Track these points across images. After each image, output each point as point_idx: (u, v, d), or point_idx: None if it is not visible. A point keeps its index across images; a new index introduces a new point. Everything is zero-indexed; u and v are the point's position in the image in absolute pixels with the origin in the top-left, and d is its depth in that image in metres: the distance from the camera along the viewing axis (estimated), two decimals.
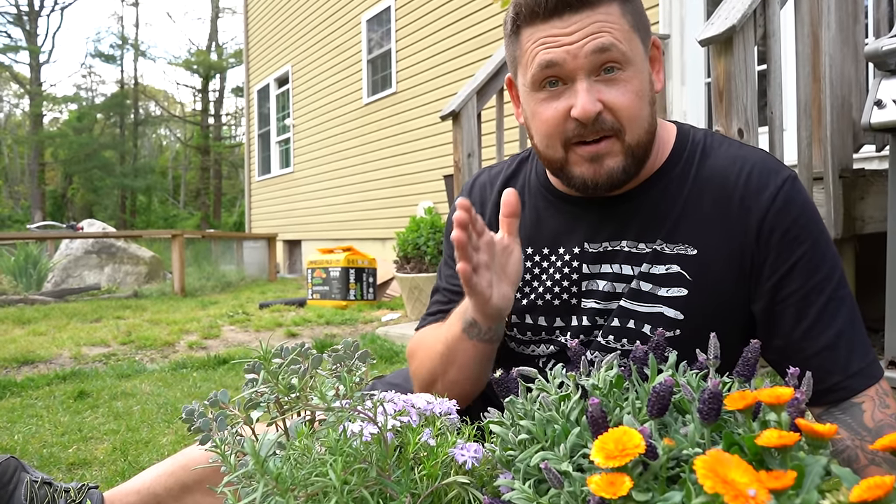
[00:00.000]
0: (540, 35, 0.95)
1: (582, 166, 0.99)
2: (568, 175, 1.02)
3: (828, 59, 2.54)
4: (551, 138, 1.00)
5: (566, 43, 0.93)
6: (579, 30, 0.93)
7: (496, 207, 1.15)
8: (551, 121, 0.98)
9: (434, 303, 1.22)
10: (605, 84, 0.95)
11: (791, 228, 0.98)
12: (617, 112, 0.95)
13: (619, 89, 0.95)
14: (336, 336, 4.41)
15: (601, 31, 0.93)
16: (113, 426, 2.48)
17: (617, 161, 0.98)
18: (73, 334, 4.56)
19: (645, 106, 0.98)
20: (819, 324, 0.97)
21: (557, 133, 0.98)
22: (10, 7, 32.53)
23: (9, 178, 34.07)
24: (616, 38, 0.93)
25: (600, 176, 0.99)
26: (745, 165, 1.01)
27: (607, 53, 0.93)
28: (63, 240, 8.85)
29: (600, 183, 1.00)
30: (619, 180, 1.00)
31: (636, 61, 0.96)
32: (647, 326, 1.03)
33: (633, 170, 1.00)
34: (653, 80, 1.02)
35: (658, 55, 1.04)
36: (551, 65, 0.94)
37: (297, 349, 1.05)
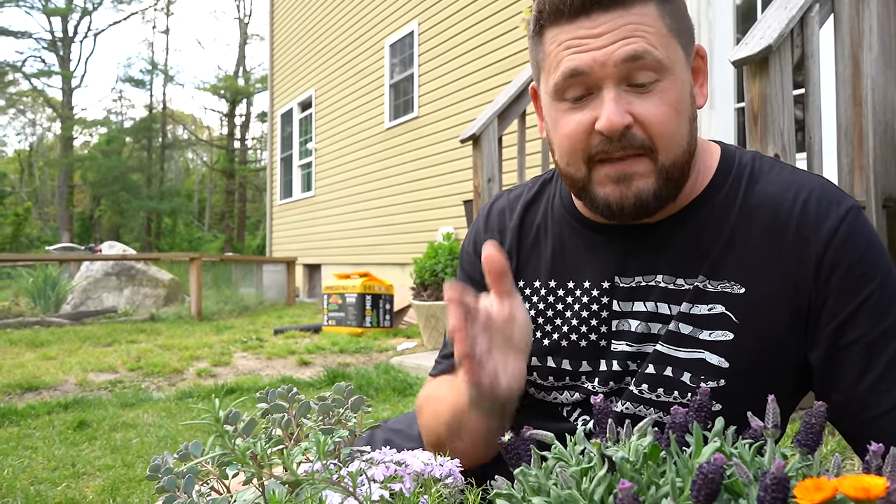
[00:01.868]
0: (565, 37, 0.83)
1: (607, 187, 0.86)
2: (591, 196, 0.88)
3: (869, 81, 2.40)
4: (573, 154, 0.86)
5: (593, 48, 0.81)
6: (609, 31, 0.80)
7: (516, 236, 1.02)
8: (574, 135, 0.85)
9: (448, 343, 1.08)
10: (636, 95, 0.82)
11: (856, 265, 0.83)
12: (649, 127, 0.82)
13: (652, 101, 0.82)
14: (350, 365, 4.28)
15: (634, 35, 0.80)
16: (108, 461, 2.36)
17: (647, 183, 0.84)
18: (82, 359, 4.48)
19: (683, 121, 0.84)
20: (890, 377, 0.81)
21: (580, 149, 0.85)
22: (45, 33, 33.39)
23: (39, 199, 34.73)
24: (651, 44, 0.80)
25: (627, 199, 0.85)
26: (800, 192, 0.87)
27: (640, 62, 0.80)
28: (83, 262, 8.86)
29: (626, 207, 0.85)
30: (649, 205, 0.86)
31: (675, 70, 0.83)
32: (686, 375, 0.88)
33: (667, 194, 0.86)
34: (694, 94, 0.88)
35: (702, 66, 0.91)
36: (576, 73, 0.82)
37: (283, 395, 0.91)
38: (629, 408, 0.92)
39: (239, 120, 34.04)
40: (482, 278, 1.05)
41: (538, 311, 0.99)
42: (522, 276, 1.01)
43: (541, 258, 1.00)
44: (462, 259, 1.11)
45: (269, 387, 2.90)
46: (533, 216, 1.02)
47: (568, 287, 0.97)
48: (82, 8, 32.31)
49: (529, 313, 0.99)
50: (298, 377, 3.88)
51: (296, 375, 3.95)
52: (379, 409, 3.07)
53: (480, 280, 1.05)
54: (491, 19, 6.77)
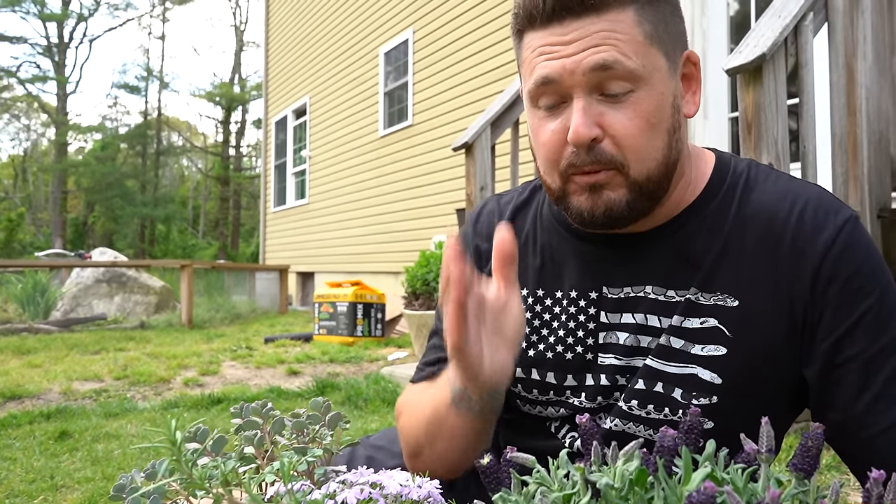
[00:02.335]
0: (538, 43, 0.81)
1: (580, 196, 0.83)
2: (566, 205, 0.85)
3: (864, 91, 2.38)
4: (548, 164, 0.84)
5: (563, 55, 0.78)
6: (579, 39, 0.78)
7: None
8: (548, 144, 0.83)
9: (431, 348, 1.03)
10: (609, 105, 0.79)
11: (853, 278, 0.80)
12: (619, 140, 0.79)
13: (625, 113, 0.78)
14: (339, 375, 4.23)
15: (605, 44, 0.77)
16: (88, 473, 2.31)
17: (619, 194, 0.82)
18: (68, 367, 4.42)
19: (658, 134, 0.80)
20: (888, 395, 0.78)
21: (554, 159, 0.83)
22: (40, 39, 33.35)
23: (32, 205, 34.61)
24: (623, 53, 0.77)
25: (598, 208, 0.82)
26: (797, 202, 0.83)
27: (610, 71, 0.77)
28: (74, 268, 8.79)
29: (597, 216, 0.83)
30: (621, 216, 0.82)
31: (651, 80, 0.79)
32: (677, 391, 0.84)
33: (642, 206, 0.83)
34: (680, 103, 0.84)
35: (695, 72, 0.87)
36: (547, 81, 0.80)
37: (256, 410, 0.87)
38: (618, 425, 0.88)
39: (234, 127, 34.06)
40: None
41: (529, 317, 0.95)
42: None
43: (528, 266, 0.96)
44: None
45: (257, 397, 2.84)
46: (522, 222, 0.99)
47: (555, 297, 0.93)
48: (78, 14, 32.33)
49: (533, 324, 0.96)
50: (287, 387, 3.83)
51: (284, 385, 3.90)
52: (368, 421, 3.03)
53: None
54: (485, 28, 6.76)
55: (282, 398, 3.52)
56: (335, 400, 3.45)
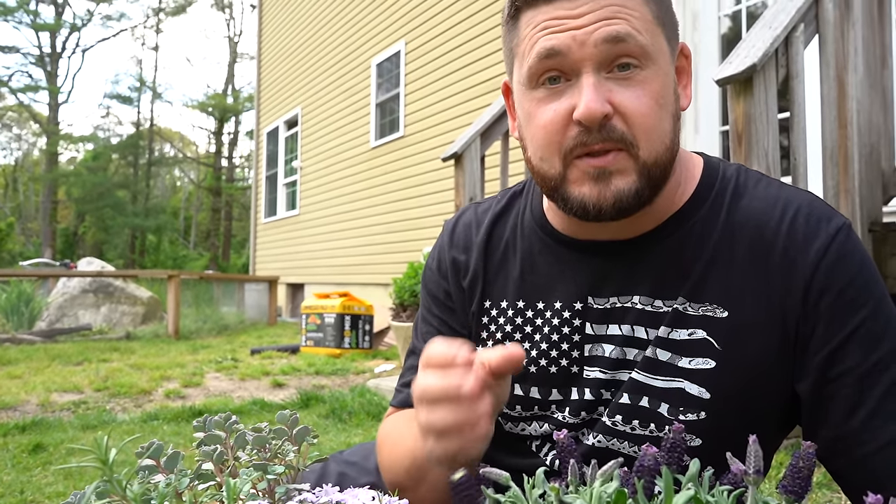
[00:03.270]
0: (542, 18, 0.76)
1: (584, 185, 0.77)
2: (565, 196, 0.79)
3: (855, 103, 2.37)
4: (548, 148, 0.78)
5: (573, 27, 0.74)
6: (590, 12, 0.74)
7: (482, 253, 0.94)
8: (549, 125, 0.77)
9: (408, 369, 0.98)
10: (617, 83, 0.75)
11: (846, 289, 0.76)
12: (630, 118, 0.74)
13: (634, 91, 0.75)
14: (324, 387, 4.16)
15: (616, 17, 0.74)
16: (60, 487, 2.24)
17: (628, 182, 0.76)
18: (47, 378, 4.34)
19: (666, 116, 0.77)
20: (882, 412, 0.74)
21: (555, 141, 0.77)
22: (32, 49, 33.29)
23: (23, 214, 34.43)
24: (635, 28, 0.74)
25: (605, 199, 0.77)
26: (788, 209, 0.80)
27: (622, 45, 0.73)
28: (60, 278, 8.71)
29: (605, 208, 0.77)
30: (629, 205, 0.77)
31: (659, 60, 0.76)
32: (664, 406, 0.80)
33: (648, 195, 0.78)
34: (678, 92, 0.81)
35: (686, 66, 0.84)
36: (553, 53, 0.75)
37: (219, 423, 0.82)
38: (601, 441, 0.84)
39: (227, 138, 34.03)
40: (446, 297, 0.97)
41: (505, 333, 0.91)
42: (489, 296, 0.93)
43: (509, 276, 0.92)
44: (425, 276, 1.02)
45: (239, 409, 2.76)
46: (501, 231, 0.95)
47: (537, 308, 0.89)
48: (71, 24, 32.30)
49: (496, 336, 0.91)
50: (270, 399, 3.77)
51: (268, 398, 3.84)
52: (351, 434, 2.97)
53: (444, 300, 0.97)
54: (476, 40, 6.77)
55: (265, 410, 3.46)
56: (319, 413, 3.38)
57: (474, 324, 0.93)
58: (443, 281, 0.97)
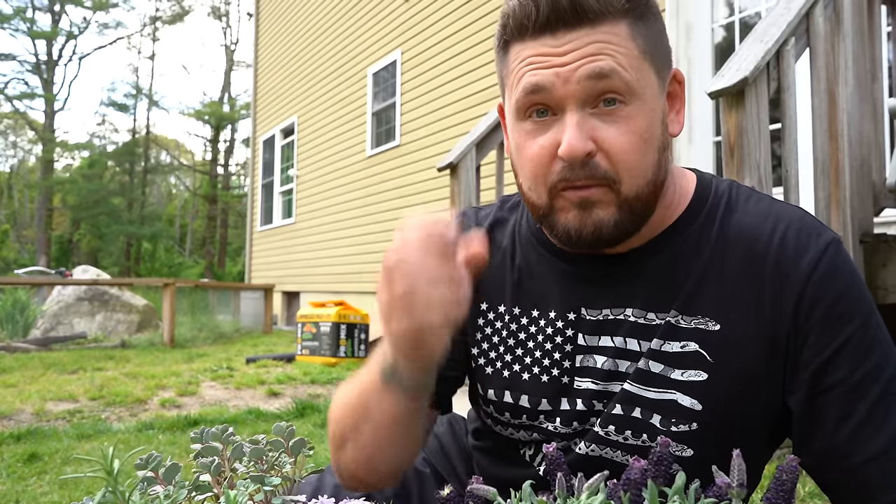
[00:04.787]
0: (528, 53, 0.78)
1: (568, 213, 0.80)
2: (552, 224, 0.82)
3: (846, 116, 2.39)
4: (535, 180, 0.81)
5: (556, 64, 0.76)
6: (574, 49, 0.75)
7: None
8: (536, 159, 0.80)
9: None
10: (601, 119, 0.77)
11: (837, 303, 0.78)
12: (612, 156, 0.76)
13: (618, 127, 0.76)
14: (320, 396, 4.17)
15: (601, 54, 0.75)
16: (55, 497, 2.24)
17: (608, 213, 0.79)
18: (42, 387, 4.33)
19: (650, 151, 0.78)
20: (870, 424, 0.75)
21: (542, 175, 0.80)
22: (29, 56, 33.31)
23: (17, 222, 34.32)
24: (619, 64, 0.75)
25: (586, 227, 0.79)
26: (779, 224, 0.81)
27: (606, 81, 0.75)
28: (55, 286, 8.69)
29: (584, 235, 0.80)
30: (608, 236, 0.80)
31: (644, 95, 0.77)
32: (656, 417, 0.82)
33: (629, 226, 0.80)
34: (667, 122, 0.83)
35: (679, 91, 0.85)
36: (537, 89, 0.77)
37: (216, 435, 0.83)
38: (594, 450, 0.85)
39: (223, 146, 34.03)
40: None
41: (501, 338, 0.92)
42: (486, 299, 0.94)
43: (506, 282, 0.93)
44: None
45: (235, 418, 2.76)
46: (500, 237, 0.96)
47: (532, 315, 0.90)
48: (67, 32, 32.30)
49: (492, 339, 0.93)
50: (266, 408, 3.77)
51: (263, 407, 3.84)
52: None
53: None
54: (472, 50, 6.81)
55: (260, 420, 3.46)
56: (315, 422, 3.39)
57: (470, 324, 0.94)
58: None
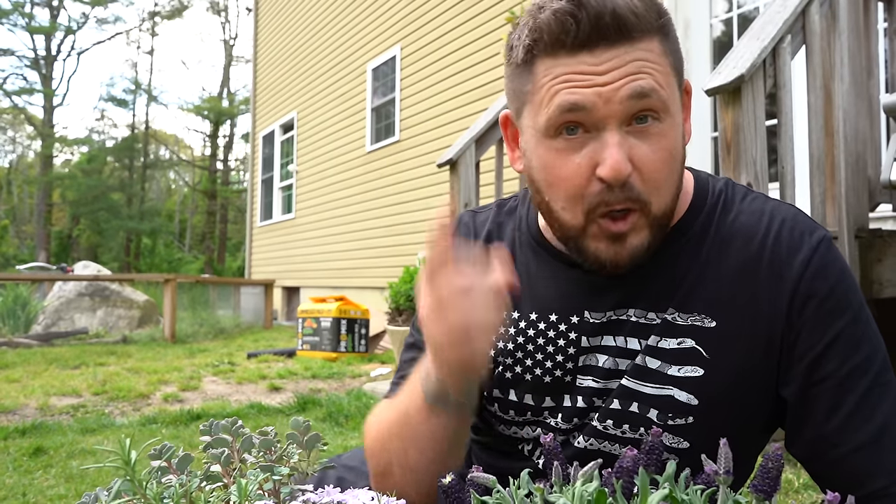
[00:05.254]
0: (563, 70, 0.76)
1: (601, 242, 0.81)
2: (581, 248, 0.82)
3: (841, 112, 2.41)
4: (571, 200, 0.80)
5: (597, 84, 0.74)
6: (615, 68, 0.74)
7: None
8: (573, 179, 0.78)
9: (407, 362, 0.98)
10: (636, 137, 0.76)
11: (828, 299, 0.80)
12: (645, 175, 0.77)
13: (651, 146, 0.77)
14: (321, 391, 4.20)
15: (641, 73, 0.74)
16: (62, 490, 2.27)
17: (641, 238, 0.80)
18: (46, 382, 4.37)
19: (676, 168, 0.80)
20: (859, 414, 0.78)
21: (579, 195, 0.78)
22: (28, 51, 33.25)
23: (17, 217, 34.30)
24: (658, 83, 0.75)
25: (622, 258, 0.80)
26: (773, 222, 0.84)
27: (646, 100, 0.75)
28: (56, 282, 8.72)
29: (621, 265, 0.81)
30: (642, 259, 0.82)
31: (673, 111, 0.78)
32: (653, 412, 0.84)
33: (658, 243, 0.83)
34: (684, 133, 0.84)
35: (687, 101, 0.86)
36: (576, 108, 0.75)
37: (226, 427, 0.86)
38: (593, 444, 0.88)
39: (222, 141, 34.00)
40: None
41: (506, 339, 0.93)
42: None
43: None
44: None
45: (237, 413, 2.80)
46: (499, 242, 0.97)
47: (531, 320, 0.92)
48: (66, 27, 32.23)
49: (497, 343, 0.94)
50: (268, 403, 3.80)
51: (265, 401, 3.87)
52: (348, 438, 3.00)
53: None
54: (472, 46, 6.82)
55: (262, 414, 3.49)
56: (316, 416, 3.42)
57: None
58: None
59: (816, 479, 0.84)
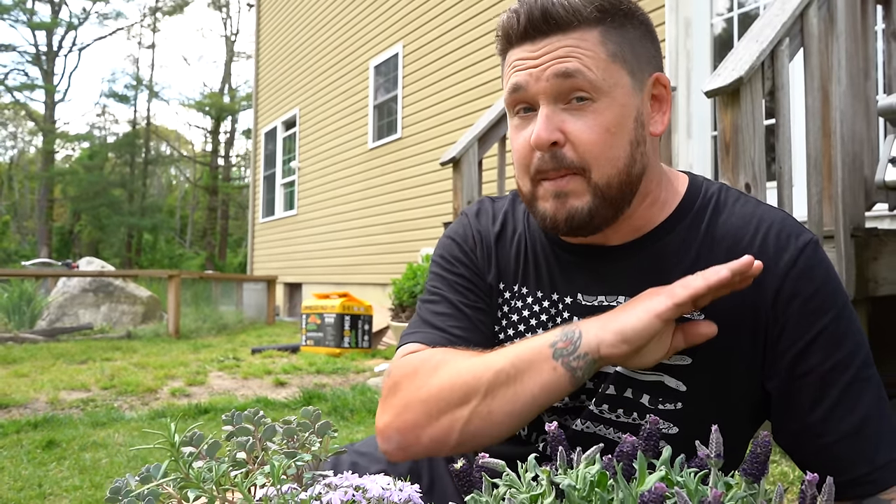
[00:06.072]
0: (514, 57, 0.90)
1: (547, 201, 0.90)
2: (534, 210, 0.93)
3: (838, 114, 2.45)
4: (520, 170, 0.93)
5: (531, 66, 0.88)
6: (546, 54, 0.87)
7: (495, 241, 1.03)
8: (520, 150, 0.91)
9: (439, 315, 0.99)
10: (571, 114, 0.87)
11: (812, 298, 0.86)
12: (578, 146, 0.86)
13: (585, 121, 0.86)
14: (326, 386, 4.25)
15: (569, 56, 0.85)
16: (76, 481, 2.33)
17: (582, 201, 0.88)
18: (54, 377, 4.42)
19: (617, 144, 0.87)
20: (841, 407, 0.84)
21: (524, 164, 0.91)
22: (29, 47, 33.25)
23: (18, 213, 34.33)
24: (585, 65, 0.85)
25: (560, 215, 0.89)
26: (761, 225, 0.90)
27: (572, 80, 0.85)
28: (60, 277, 8.77)
29: (560, 220, 0.89)
30: (582, 222, 0.89)
31: (613, 93, 0.86)
32: (645, 397, 0.90)
33: (606, 214, 0.89)
34: (644, 120, 0.90)
35: (664, 94, 0.93)
36: (517, 88, 0.89)
37: (249, 417, 0.91)
38: (589, 427, 0.94)
39: (223, 137, 34.00)
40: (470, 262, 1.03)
41: (512, 313, 1.00)
42: (502, 279, 1.02)
43: (518, 265, 1.01)
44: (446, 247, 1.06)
45: (244, 407, 2.87)
46: (513, 227, 1.04)
47: (537, 296, 0.99)
48: (67, 22, 32.22)
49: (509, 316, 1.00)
50: (274, 398, 3.86)
51: (271, 396, 3.93)
52: (353, 431, 3.06)
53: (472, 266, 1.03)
54: (474, 43, 6.85)
55: (269, 408, 3.54)
56: (322, 410, 3.47)
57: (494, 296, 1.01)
58: (470, 252, 1.03)
59: (802, 468, 0.90)
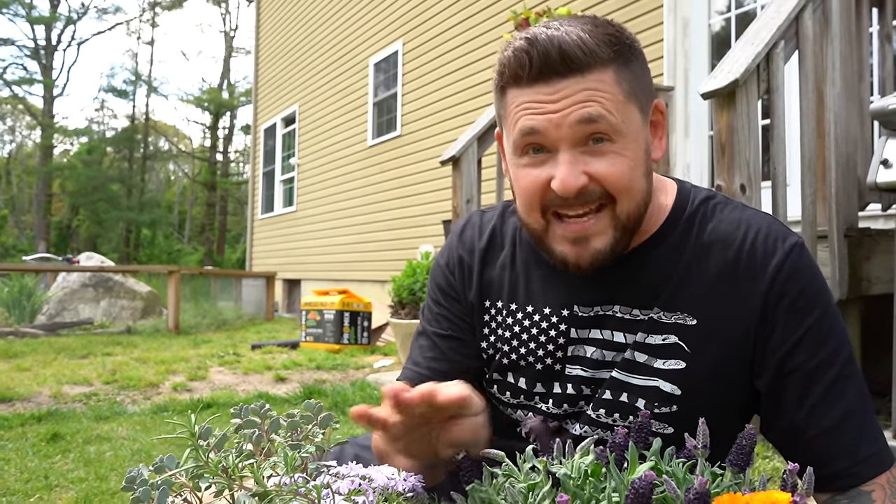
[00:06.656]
0: (523, 99, 0.87)
1: (564, 245, 0.92)
2: (548, 250, 0.94)
3: (832, 115, 2.49)
4: (530, 206, 0.92)
5: (550, 111, 0.85)
6: (566, 97, 0.84)
7: (482, 258, 1.07)
8: (530, 188, 0.90)
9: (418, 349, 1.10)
10: (591, 155, 0.87)
11: (799, 298, 0.90)
12: (606, 181, 0.87)
13: (607, 160, 0.87)
14: (326, 382, 4.29)
15: (590, 101, 0.84)
16: (81, 473, 2.37)
17: (604, 241, 0.90)
18: (56, 371, 4.46)
19: (637, 178, 0.90)
20: (824, 403, 0.88)
21: (537, 200, 0.90)
22: (28, 41, 33.19)
23: (16, 207, 34.30)
24: (606, 109, 0.85)
25: (583, 259, 0.91)
26: (749, 231, 0.94)
27: (594, 125, 0.85)
28: (60, 272, 8.80)
29: (583, 265, 0.92)
30: (604, 261, 0.92)
31: (630, 133, 0.88)
32: (641, 401, 0.94)
33: (625, 243, 0.92)
34: (650, 149, 0.94)
35: (661, 120, 0.96)
36: (533, 132, 0.87)
37: (255, 410, 0.96)
38: (588, 431, 0.98)
39: (222, 132, 33.98)
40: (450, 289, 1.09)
41: (502, 331, 1.04)
42: (487, 296, 1.06)
43: (504, 282, 1.05)
44: (434, 271, 1.14)
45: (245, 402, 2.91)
46: (501, 241, 1.08)
47: (527, 311, 1.02)
48: (66, 17, 32.16)
49: (497, 332, 1.05)
50: (274, 393, 3.90)
51: (272, 391, 3.97)
52: (354, 426, 3.10)
53: (449, 291, 1.10)
54: (474, 41, 6.87)
55: (270, 404, 3.56)
56: (323, 405, 3.51)
57: (476, 317, 1.06)
58: (449, 275, 1.10)
59: (788, 460, 0.94)
